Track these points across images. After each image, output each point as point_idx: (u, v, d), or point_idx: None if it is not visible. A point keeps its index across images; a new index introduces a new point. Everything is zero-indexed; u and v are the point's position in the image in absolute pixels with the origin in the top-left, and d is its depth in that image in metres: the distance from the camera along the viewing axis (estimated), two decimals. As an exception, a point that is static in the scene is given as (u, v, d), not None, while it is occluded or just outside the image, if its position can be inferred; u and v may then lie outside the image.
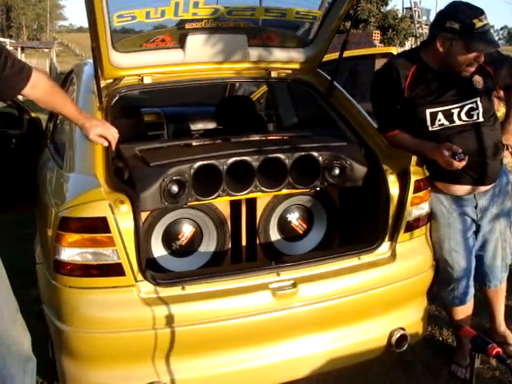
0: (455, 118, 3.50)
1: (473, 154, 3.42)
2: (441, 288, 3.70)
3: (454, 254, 3.59)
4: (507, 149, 3.81)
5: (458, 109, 3.49)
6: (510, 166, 5.67)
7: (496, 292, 3.88)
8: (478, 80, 3.52)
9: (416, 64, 3.55)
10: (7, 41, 36.04)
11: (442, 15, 3.46)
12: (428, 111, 3.50)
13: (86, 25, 3.16)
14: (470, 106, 3.50)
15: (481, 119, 3.51)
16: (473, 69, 3.44)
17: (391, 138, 3.66)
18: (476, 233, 3.71)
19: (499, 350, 2.28)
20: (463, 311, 3.78)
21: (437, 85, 3.51)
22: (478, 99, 3.51)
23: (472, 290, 3.71)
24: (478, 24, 3.30)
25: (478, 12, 3.32)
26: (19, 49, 34.30)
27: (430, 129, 3.52)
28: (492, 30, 3.53)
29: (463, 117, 3.50)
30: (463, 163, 3.32)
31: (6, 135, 5.06)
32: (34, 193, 4.05)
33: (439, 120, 3.50)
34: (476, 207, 3.62)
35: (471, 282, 3.69)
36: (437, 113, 3.50)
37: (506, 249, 3.79)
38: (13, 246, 4.68)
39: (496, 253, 3.76)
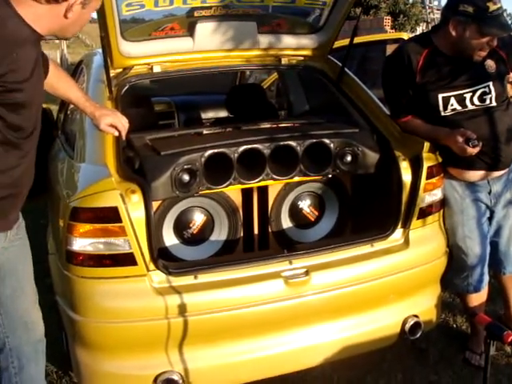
0: (468, 102, 3.46)
1: (486, 139, 3.38)
2: (455, 275, 3.67)
3: (468, 240, 3.56)
4: None
5: (471, 93, 3.46)
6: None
7: (511, 278, 3.85)
8: (491, 64, 3.47)
9: (427, 48, 3.51)
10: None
11: None
12: (440, 96, 3.46)
13: (95, 16, 3.16)
14: (483, 90, 3.46)
15: (493, 103, 3.48)
16: (485, 53, 3.39)
17: (403, 124, 3.63)
18: (490, 219, 3.67)
19: (515, 336, 2.26)
20: (477, 298, 3.74)
21: (449, 69, 3.47)
22: (491, 83, 3.46)
23: (487, 277, 3.68)
24: (492, 7, 3.24)
25: None
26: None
27: (443, 114, 3.49)
28: (505, 14, 3.49)
29: (476, 101, 3.46)
30: (477, 149, 3.29)
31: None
32: (45, 183, 4.05)
33: (451, 105, 3.47)
34: (490, 193, 3.59)
35: (486, 269, 3.66)
36: (449, 97, 3.46)
37: None
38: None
39: (511, 239, 3.73)
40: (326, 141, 3.43)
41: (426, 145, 3.41)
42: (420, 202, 3.39)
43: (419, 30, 30.67)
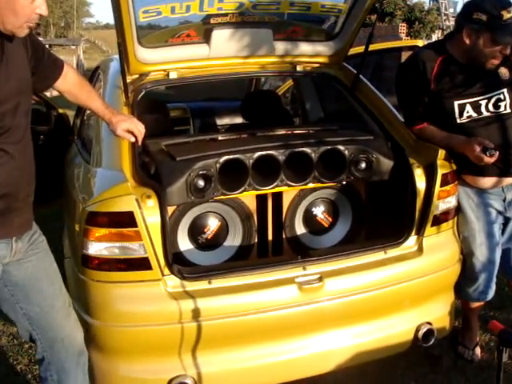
0: (483, 109, 3.48)
1: (500, 145, 3.39)
2: (468, 283, 3.67)
3: (484, 248, 3.56)
4: None
5: (486, 100, 3.48)
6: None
7: None
8: (504, 72, 3.51)
9: (442, 56, 3.53)
10: (35, 38, 36.19)
11: (469, 6, 3.43)
12: (456, 103, 3.48)
13: (112, 21, 3.20)
14: (497, 97, 3.48)
15: (508, 110, 3.51)
16: (498, 61, 3.42)
17: (418, 132, 3.64)
18: (505, 225, 3.67)
19: (528, 344, 2.26)
20: (480, 305, 3.84)
21: (463, 77, 3.49)
22: (505, 90, 3.49)
23: (494, 285, 3.70)
24: (506, 16, 3.26)
25: (506, 3, 3.29)
26: (47, 46, 34.56)
27: (458, 121, 3.50)
28: None
29: (491, 108, 3.48)
30: (494, 158, 3.29)
31: (34, 131, 5.09)
32: (59, 188, 4.08)
33: (467, 112, 3.48)
34: (504, 200, 3.59)
35: (494, 277, 3.67)
36: (465, 104, 3.48)
37: None
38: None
39: None
40: (341, 147, 3.43)
41: (441, 152, 3.41)
42: (434, 210, 3.38)
43: (434, 37, 30.64)
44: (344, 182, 3.67)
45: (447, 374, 3.72)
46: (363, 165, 3.48)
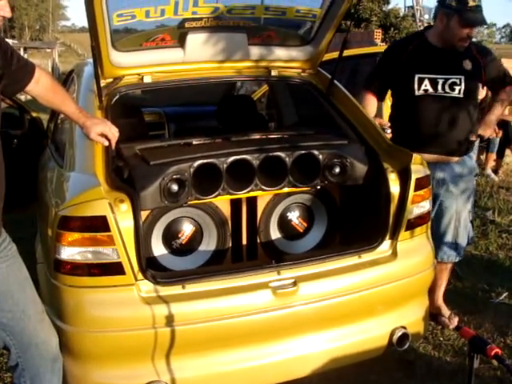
0: (439, 87, 4.02)
1: (442, 124, 3.97)
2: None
3: None
4: (480, 139, 4.44)
5: (443, 80, 4.02)
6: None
7: (440, 266, 4.14)
8: (468, 63, 4.06)
9: (419, 39, 4.18)
10: (10, 41, 35.99)
11: None
12: (417, 76, 4.03)
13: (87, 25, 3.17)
14: (454, 80, 4.02)
15: (461, 95, 4.04)
16: (466, 43, 4.01)
17: (361, 95, 4.27)
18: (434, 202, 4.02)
19: (498, 350, 2.29)
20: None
21: (431, 57, 4.07)
22: (463, 77, 4.03)
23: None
24: (471, 3, 3.86)
25: None
26: (22, 49, 34.24)
27: (416, 93, 4.04)
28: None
29: (446, 88, 4.02)
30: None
31: (8, 135, 5.05)
32: (35, 192, 4.05)
33: (425, 85, 4.03)
34: (433, 178, 3.88)
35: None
36: (424, 78, 4.03)
37: (458, 229, 4.13)
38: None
39: (447, 229, 4.12)
40: (315, 152, 3.44)
41: (415, 157, 3.44)
42: (408, 214, 3.41)
43: (410, 44, 30.80)
44: (319, 187, 3.68)
45: (421, 378, 3.74)
46: (337, 169, 3.50)
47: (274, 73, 4.03)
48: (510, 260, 5.57)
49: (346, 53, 4.07)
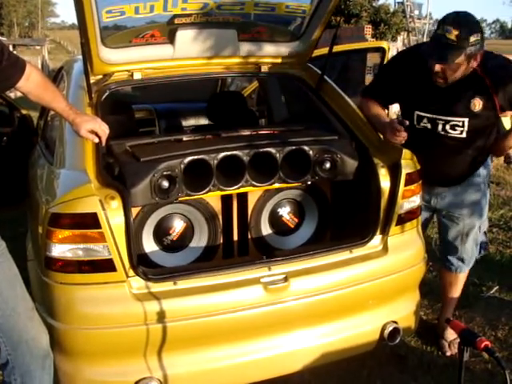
0: (439, 127, 3.62)
1: (441, 162, 3.67)
2: None
3: None
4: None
5: (443, 122, 3.59)
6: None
7: (450, 278, 4.03)
8: (476, 103, 3.50)
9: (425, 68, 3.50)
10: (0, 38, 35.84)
11: None
12: (416, 113, 3.65)
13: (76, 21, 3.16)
14: (456, 123, 3.57)
15: (463, 135, 3.59)
16: (441, 80, 3.46)
17: (361, 103, 3.87)
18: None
19: (488, 343, 2.29)
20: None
21: (433, 93, 3.55)
22: (467, 120, 3.54)
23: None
24: (439, 31, 3.32)
25: (451, 20, 3.30)
26: (11, 46, 34.12)
27: (416, 126, 3.67)
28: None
29: (447, 128, 3.60)
30: (403, 129, 3.42)
31: (-3, 133, 5.04)
32: (26, 190, 4.04)
33: (424, 122, 3.64)
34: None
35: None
36: (423, 117, 3.65)
37: (465, 244, 3.90)
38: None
39: (454, 243, 3.91)
40: (305, 148, 3.45)
41: (405, 152, 3.44)
42: (398, 209, 3.42)
43: (400, 39, 30.95)
44: (309, 183, 3.69)
45: (413, 373, 3.75)
46: (328, 165, 3.50)
47: (264, 69, 4.02)
48: (501, 254, 5.59)
49: (336, 48, 4.05)
